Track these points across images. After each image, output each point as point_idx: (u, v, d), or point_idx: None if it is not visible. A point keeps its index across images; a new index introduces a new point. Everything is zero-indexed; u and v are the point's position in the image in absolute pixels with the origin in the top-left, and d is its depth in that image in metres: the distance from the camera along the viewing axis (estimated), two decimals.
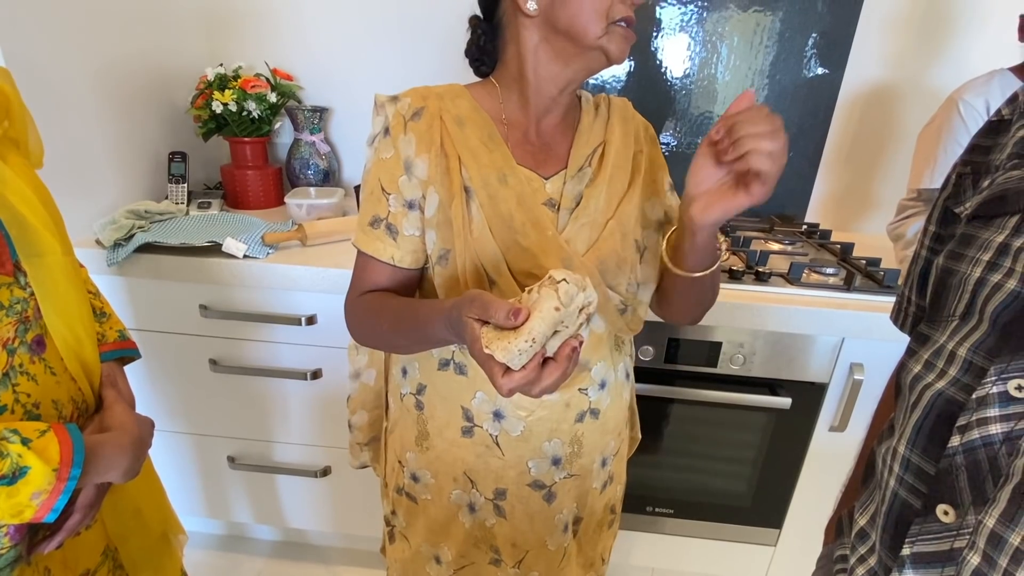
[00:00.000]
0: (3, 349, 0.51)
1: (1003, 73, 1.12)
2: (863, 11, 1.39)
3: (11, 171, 0.54)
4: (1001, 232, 0.42)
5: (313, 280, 1.13)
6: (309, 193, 1.44)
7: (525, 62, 0.68)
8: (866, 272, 1.20)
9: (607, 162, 0.72)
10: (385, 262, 0.70)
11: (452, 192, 0.66)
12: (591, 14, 0.62)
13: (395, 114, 0.68)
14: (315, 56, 1.53)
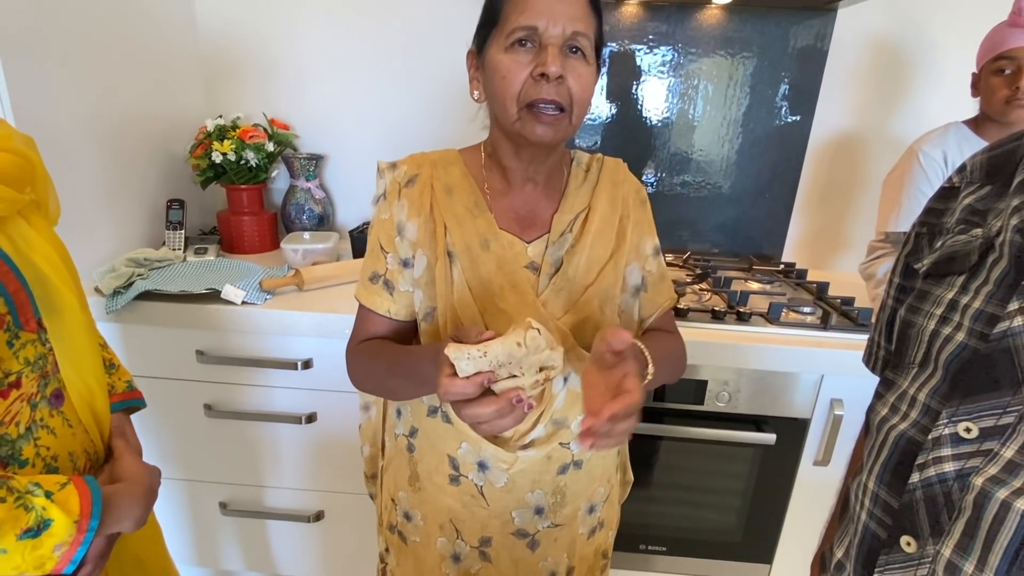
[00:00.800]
0: (27, 404, 0.53)
1: (958, 126, 1.21)
2: (827, 65, 1.50)
3: (35, 232, 0.57)
4: (951, 289, 0.47)
5: (310, 325, 1.16)
6: (304, 238, 1.48)
7: (493, 138, 0.74)
8: (841, 311, 1.26)
9: (589, 228, 0.74)
10: (382, 315, 0.75)
11: (436, 255, 0.71)
12: (503, 100, 0.65)
13: (392, 181, 0.75)
14: (311, 105, 1.60)
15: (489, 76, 0.67)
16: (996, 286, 0.43)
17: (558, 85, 0.63)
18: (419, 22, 1.50)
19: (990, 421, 0.40)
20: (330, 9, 1.51)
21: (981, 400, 0.41)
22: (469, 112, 0.79)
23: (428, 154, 0.78)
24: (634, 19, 1.49)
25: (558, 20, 0.62)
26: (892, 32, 1.45)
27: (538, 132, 0.65)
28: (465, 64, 0.74)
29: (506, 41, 0.64)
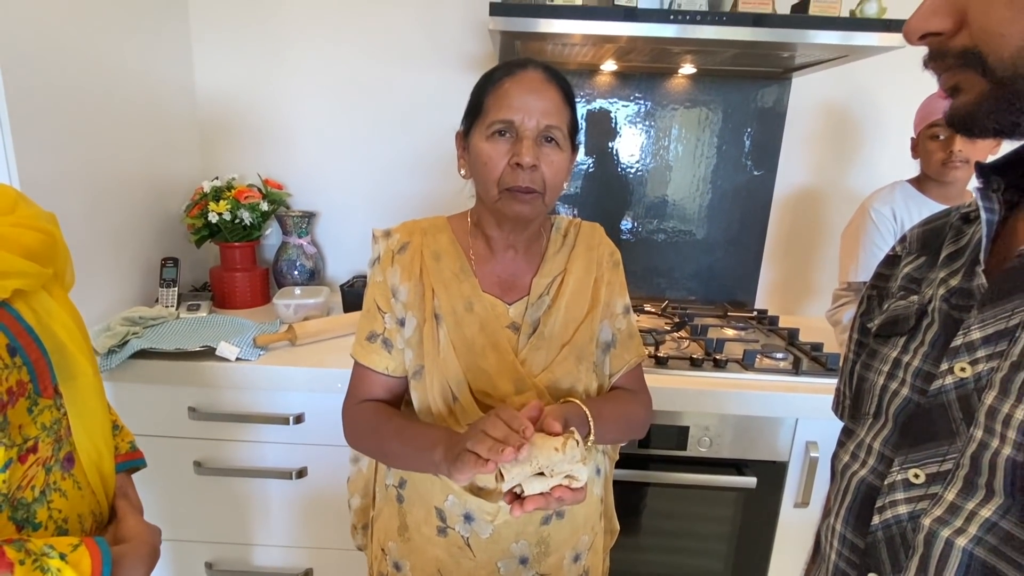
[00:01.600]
0: (42, 468, 0.56)
1: (903, 184, 1.33)
2: (786, 126, 1.63)
3: (54, 302, 0.61)
4: (895, 349, 0.51)
5: (303, 380, 1.19)
6: (295, 293, 1.52)
7: (477, 209, 0.82)
8: (811, 356, 1.33)
9: (565, 290, 0.80)
10: (380, 372, 0.79)
11: (424, 317, 0.77)
12: (485, 183, 0.74)
13: (386, 248, 0.81)
14: (303, 164, 1.67)
15: (473, 159, 0.75)
16: (930, 347, 0.47)
17: (532, 172, 0.71)
18: (406, 88, 1.60)
19: (933, 467, 0.44)
20: (322, 75, 1.60)
21: (925, 449, 0.45)
22: (451, 172, 0.87)
23: (419, 222, 0.85)
24: (608, 85, 1.61)
25: (533, 115, 0.70)
26: (842, 98, 1.59)
27: (515, 210, 0.73)
28: (454, 140, 0.82)
29: (487, 131, 0.72)
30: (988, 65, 0.38)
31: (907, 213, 1.28)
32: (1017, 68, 0.37)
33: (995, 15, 0.37)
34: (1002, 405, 0.40)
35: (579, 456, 0.57)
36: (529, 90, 0.71)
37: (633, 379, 0.88)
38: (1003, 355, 0.41)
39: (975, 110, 0.40)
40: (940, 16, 0.40)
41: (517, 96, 0.71)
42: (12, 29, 1.02)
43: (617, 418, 0.79)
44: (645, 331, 1.40)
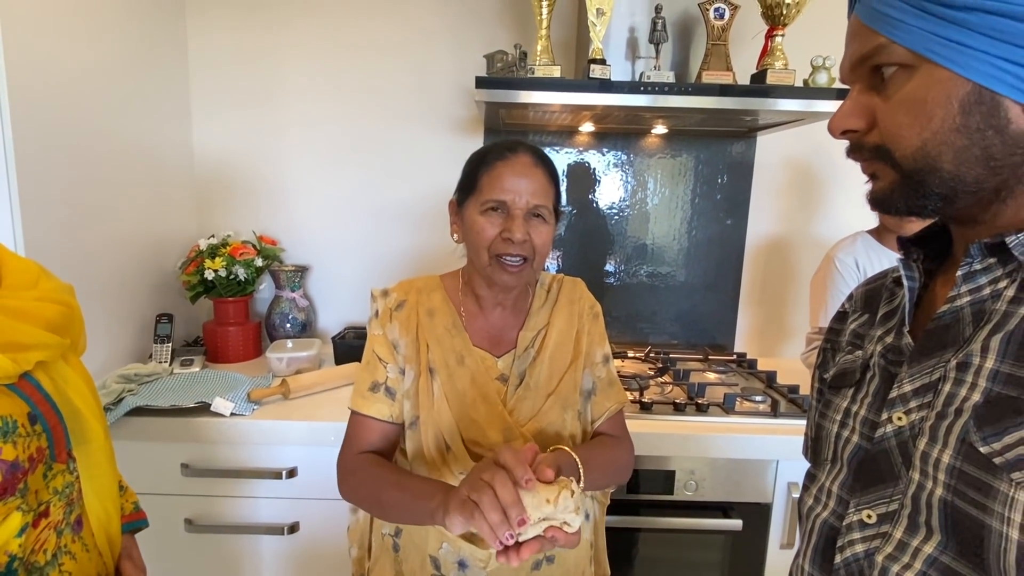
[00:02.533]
0: (54, 531, 0.58)
1: (864, 235, 1.42)
2: (754, 179, 1.74)
3: (71, 370, 0.65)
4: (845, 399, 0.56)
5: (297, 434, 1.21)
6: (287, 346, 1.55)
7: (468, 270, 0.89)
8: (789, 398, 1.38)
9: (548, 343, 0.87)
10: (384, 420, 0.83)
11: (420, 371, 0.83)
12: (476, 249, 0.81)
13: (384, 306, 0.87)
14: (296, 220, 1.73)
15: (467, 228, 0.83)
16: (873, 398, 0.52)
17: (522, 243, 0.79)
18: (396, 148, 1.69)
19: (883, 508, 0.48)
20: (315, 134, 1.69)
21: (874, 491, 0.49)
22: (439, 228, 0.94)
23: (415, 281, 0.91)
24: (587, 143, 1.71)
25: (523, 195, 0.79)
26: (805, 154, 1.71)
27: (504, 279, 0.81)
28: (442, 199, 0.90)
29: (482, 207, 0.80)
30: (895, 160, 0.45)
31: (868, 262, 1.36)
32: (917, 163, 0.44)
33: (897, 120, 0.44)
34: (932, 450, 0.44)
35: (572, 506, 0.59)
36: (520, 173, 0.79)
37: (615, 425, 0.92)
38: (930, 405, 0.46)
39: (888, 196, 0.47)
40: (856, 117, 0.46)
41: (509, 179, 0.78)
42: (23, 89, 1.07)
43: (603, 464, 0.83)
44: (629, 377, 1.45)
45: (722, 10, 1.28)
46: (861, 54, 0.45)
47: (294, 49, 1.64)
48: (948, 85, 0.41)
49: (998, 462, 0.40)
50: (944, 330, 0.46)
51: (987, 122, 0.41)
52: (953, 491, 0.42)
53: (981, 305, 0.45)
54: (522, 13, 1.61)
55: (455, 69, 1.65)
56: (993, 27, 0.39)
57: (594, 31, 1.25)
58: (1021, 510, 0.39)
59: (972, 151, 0.42)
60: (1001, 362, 0.42)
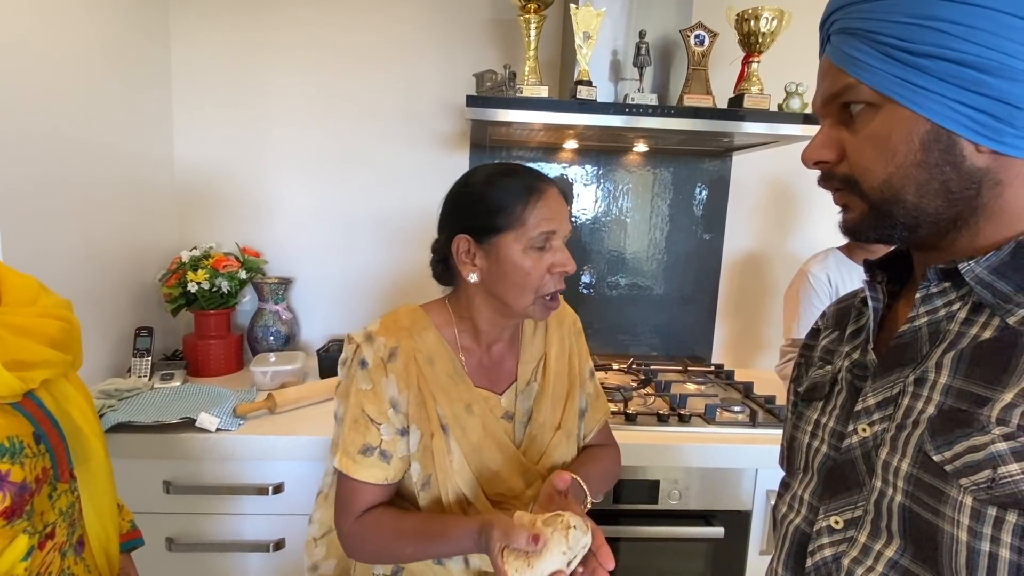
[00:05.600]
0: (58, 553, 0.57)
1: (835, 251, 1.49)
2: (730, 196, 1.80)
3: (71, 387, 0.64)
4: (815, 411, 0.59)
5: (284, 449, 1.20)
6: (270, 359, 1.53)
7: (472, 306, 0.82)
8: (766, 408, 1.43)
9: (549, 374, 0.86)
10: (379, 484, 0.77)
11: (431, 429, 0.77)
12: (521, 291, 0.75)
13: (374, 358, 0.77)
14: (279, 232, 1.72)
15: (502, 266, 0.76)
16: (841, 410, 0.55)
17: (565, 274, 0.78)
18: (381, 160, 1.70)
19: (848, 514, 0.51)
20: (300, 145, 1.68)
21: (841, 499, 0.52)
22: (422, 242, 0.91)
23: (398, 319, 0.82)
24: (570, 159, 1.76)
25: (564, 223, 0.78)
26: (779, 172, 1.79)
27: (544, 316, 0.79)
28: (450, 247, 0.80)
29: (528, 243, 0.75)
30: (863, 191, 0.48)
31: (840, 277, 1.43)
32: (884, 194, 0.47)
33: (865, 155, 0.47)
34: (892, 459, 0.47)
35: (583, 540, 0.63)
36: (558, 205, 0.77)
37: (604, 435, 0.96)
38: (891, 418, 0.49)
39: (859, 225, 0.50)
40: (827, 149, 0.50)
41: (554, 208, 0.76)
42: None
43: (601, 476, 0.86)
44: (613, 388, 1.49)
45: (702, 37, 1.34)
46: (832, 92, 0.48)
47: (279, 59, 1.64)
48: (909, 124, 0.44)
49: (949, 469, 0.43)
50: (904, 348, 0.50)
51: (944, 158, 0.44)
52: (911, 497, 0.45)
53: (937, 325, 0.48)
54: (509, 33, 1.65)
55: (442, 85, 1.68)
56: (949, 73, 0.42)
57: (580, 54, 1.30)
58: (968, 514, 0.41)
59: (932, 184, 0.45)
60: (953, 378, 0.45)
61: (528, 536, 0.61)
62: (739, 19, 1.38)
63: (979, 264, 0.45)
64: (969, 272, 0.46)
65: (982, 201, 0.45)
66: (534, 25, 1.35)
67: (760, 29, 1.35)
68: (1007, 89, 0.41)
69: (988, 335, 0.44)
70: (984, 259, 0.45)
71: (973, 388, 0.44)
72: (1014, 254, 0.45)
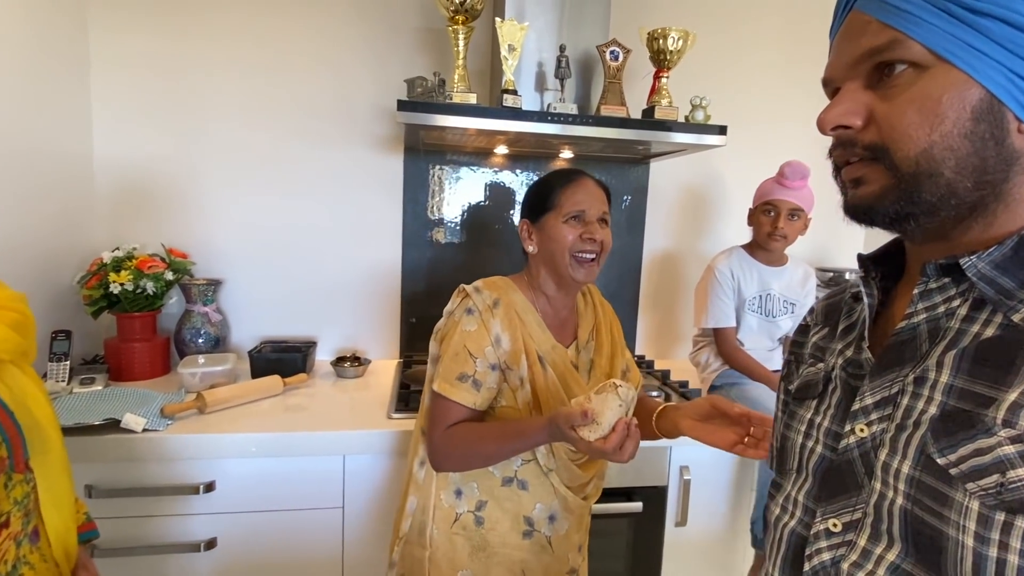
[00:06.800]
0: (14, 542, 0.58)
1: (738, 249, 1.65)
2: (648, 200, 1.94)
3: (28, 380, 0.64)
4: (809, 410, 0.56)
5: (214, 447, 1.20)
6: (199, 361, 1.51)
7: (539, 276, 1.04)
8: (679, 392, 1.57)
9: (602, 336, 1.09)
10: (468, 407, 0.95)
11: (531, 361, 0.98)
12: (559, 252, 0.98)
13: (482, 304, 0.98)
14: (209, 232, 1.70)
15: (548, 238, 1.00)
16: (836, 410, 0.52)
17: (593, 242, 0.99)
18: (313, 161, 1.72)
19: (847, 517, 0.48)
20: (229, 144, 1.67)
21: (839, 500, 0.49)
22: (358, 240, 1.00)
23: (495, 281, 1.04)
24: (502, 164, 1.84)
25: (594, 206, 1.00)
26: (693, 178, 1.95)
27: (580, 274, 1.00)
28: (518, 229, 1.08)
29: (563, 217, 0.99)
30: (894, 160, 0.43)
31: (742, 273, 1.59)
32: (919, 166, 0.42)
33: (906, 119, 0.42)
34: (892, 461, 0.45)
35: (631, 392, 0.81)
36: (589, 190, 1.01)
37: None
38: (890, 418, 0.46)
39: (876, 201, 0.45)
40: (853, 114, 0.45)
41: (582, 194, 1.00)
42: None
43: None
44: None
45: (616, 53, 1.46)
46: (870, 47, 0.43)
47: (209, 54, 1.63)
48: (963, 88, 0.40)
49: (954, 473, 0.41)
50: (902, 346, 0.47)
51: (991, 132, 0.41)
52: (913, 500, 0.43)
53: (936, 322, 0.46)
54: (440, 41, 1.72)
55: (375, 89, 1.72)
56: (1010, 39, 0.39)
57: (506, 64, 1.38)
58: (975, 519, 0.39)
59: (972, 160, 0.41)
60: (955, 377, 0.43)
61: (580, 413, 0.79)
62: (650, 37, 1.51)
63: (981, 259, 0.43)
64: (971, 267, 0.43)
65: (1007, 187, 0.43)
66: (462, 36, 1.42)
67: (668, 47, 1.49)
68: None
69: (991, 333, 0.42)
70: (986, 254, 0.43)
71: (977, 388, 0.41)
72: (1016, 249, 0.43)
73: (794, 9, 1.93)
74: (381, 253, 1.80)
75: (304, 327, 1.78)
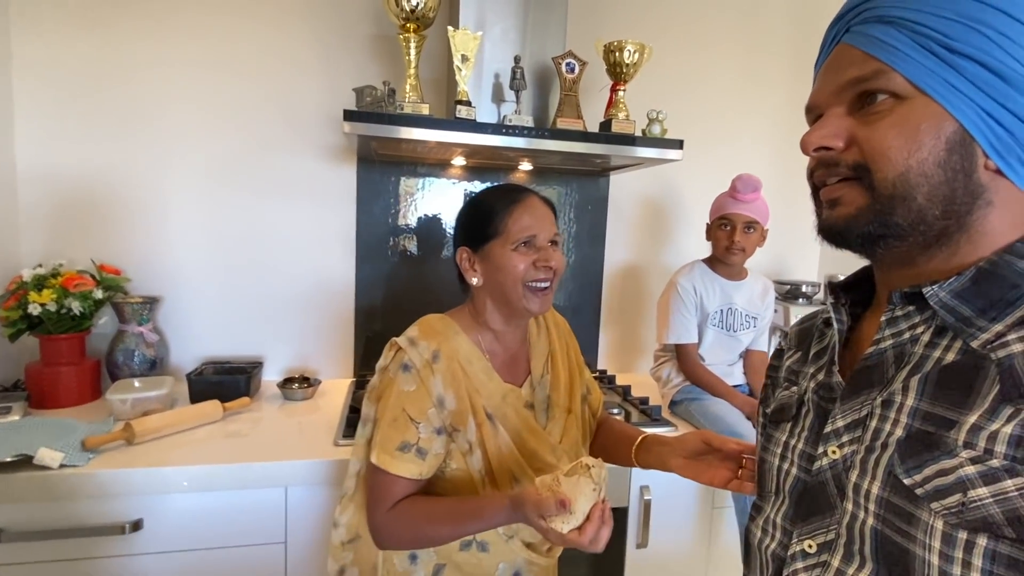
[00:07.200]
0: None
1: (700, 263, 1.64)
2: (608, 213, 1.92)
3: None
4: (784, 433, 0.57)
5: (144, 482, 1.11)
6: (134, 385, 1.41)
7: (485, 310, 0.93)
8: (640, 409, 1.54)
9: (558, 367, 0.98)
10: (413, 479, 0.84)
11: (479, 420, 0.87)
12: (511, 283, 0.87)
13: (420, 360, 0.85)
14: (145, 247, 1.59)
15: (495, 267, 0.88)
16: (809, 432, 0.54)
17: (548, 269, 0.89)
18: (260, 171, 1.64)
19: (821, 538, 0.50)
20: (166, 154, 1.57)
21: (814, 522, 0.51)
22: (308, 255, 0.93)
23: (432, 324, 0.91)
24: (460, 175, 1.79)
25: (545, 227, 0.89)
26: (653, 191, 1.94)
27: (534, 305, 0.89)
28: (456, 260, 0.94)
29: (512, 244, 0.87)
30: (874, 181, 0.45)
31: (704, 287, 1.58)
32: (895, 188, 0.45)
33: (887, 141, 0.44)
34: (863, 482, 0.46)
35: (603, 472, 0.72)
36: (536, 211, 0.89)
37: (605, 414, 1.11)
38: (860, 440, 0.48)
39: (851, 221, 0.47)
40: (835, 136, 0.47)
41: (530, 218, 0.88)
42: None
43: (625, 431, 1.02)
44: None
45: (572, 65, 1.43)
46: (856, 76, 0.46)
47: (150, 58, 1.53)
48: (939, 120, 0.43)
49: (919, 493, 0.42)
50: (871, 370, 0.49)
51: (962, 164, 0.43)
52: (882, 520, 0.44)
53: (902, 348, 0.48)
54: (394, 49, 1.66)
55: (327, 96, 1.65)
56: (983, 80, 0.42)
57: (459, 75, 1.34)
58: (939, 537, 0.41)
59: (943, 189, 0.44)
60: (920, 400, 0.45)
61: (556, 503, 0.69)
62: (606, 50, 1.49)
63: (942, 288, 0.45)
64: (933, 296, 0.46)
65: (971, 219, 0.45)
66: (414, 44, 1.37)
67: (624, 60, 1.47)
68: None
69: (952, 358, 0.44)
70: (947, 283, 0.45)
71: (939, 411, 0.43)
72: (974, 279, 0.45)
73: (750, 26, 1.95)
74: (334, 266, 1.72)
75: (250, 346, 1.69)
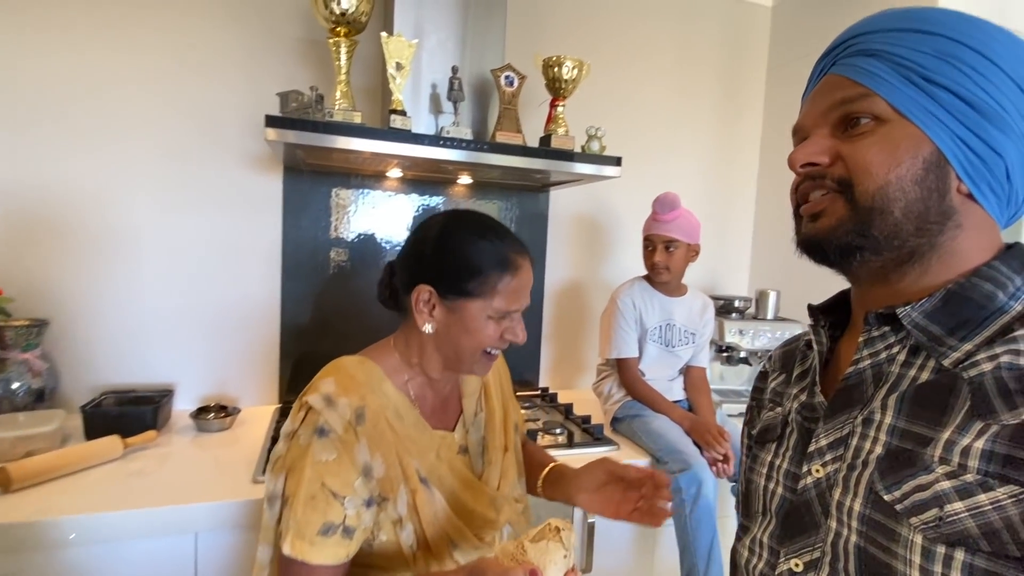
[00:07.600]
0: None
1: (640, 280, 1.64)
2: (549, 229, 1.91)
3: None
4: (769, 453, 0.58)
5: (18, 537, 0.95)
6: (17, 421, 1.23)
7: (423, 354, 0.82)
8: (583, 428, 1.51)
9: (492, 403, 0.90)
10: (340, 565, 0.71)
11: (412, 487, 0.76)
12: (469, 348, 0.78)
13: (340, 423, 0.71)
14: (32, 263, 1.41)
15: (461, 326, 0.77)
16: (794, 452, 0.55)
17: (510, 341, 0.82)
18: (172, 180, 1.50)
19: (807, 556, 0.50)
20: (64, 163, 1.41)
21: (799, 540, 0.51)
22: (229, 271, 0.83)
23: (352, 374, 0.77)
24: (397, 188, 1.72)
25: (527, 299, 0.82)
26: (591, 208, 1.94)
27: (481, 372, 0.84)
28: (410, 296, 0.79)
29: (493, 312, 0.77)
30: (855, 194, 0.48)
31: (643, 302, 1.58)
32: (875, 201, 0.47)
33: (869, 156, 0.47)
34: (845, 499, 0.48)
35: (572, 536, 0.67)
36: (528, 282, 0.82)
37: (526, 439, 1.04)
38: (842, 458, 0.49)
39: (831, 232, 0.50)
40: (821, 153, 0.50)
41: (524, 289, 0.81)
42: None
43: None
44: None
45: (511, 78, 1.40)
46: (842, 98, 0.49)
47: (36, 45, 1.37)
48: (918, 140, 0.46)
49: (899, 509, 0.43)
50: (851, 390, 0.51)
51: (936, 184, 0.46)
52: (865, 537, 0.46)
53: (880, 367, 0.50)
54: (323, 55, 1.58)
55: (251, 101, 1.54)
56: (957, 108, 0.45)
57: (394, 83, 1.28)
58: (919, 552, 0.42)
59: (917, 206, 0.47)
60: (897, 418, 0.47)
61: (526, 574, 0.60)
62: (545, 65, 1.48)
63: (915, 309, 0.48)
64: (906, 316, 0.48)
65: (942, 239, 0.48)
66: (345, 50, 1.30)
67: (563, 76, 1.46)
68: (999, 139, 0.45)
69: (926, 377, 0.47)
70: (919, 304, 0.48)
71: (916, 428, 0.45)
72: (945, 300, 0.47)
73: (686, 46, 2.01)
74: (256, 283, 1.59)
75: (159, 373, 1.53)
